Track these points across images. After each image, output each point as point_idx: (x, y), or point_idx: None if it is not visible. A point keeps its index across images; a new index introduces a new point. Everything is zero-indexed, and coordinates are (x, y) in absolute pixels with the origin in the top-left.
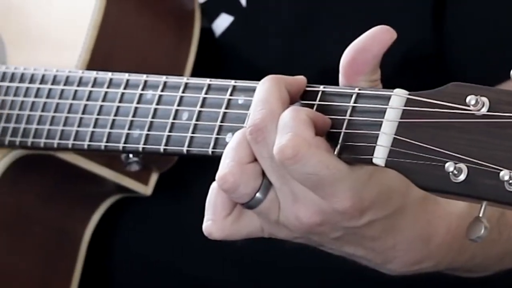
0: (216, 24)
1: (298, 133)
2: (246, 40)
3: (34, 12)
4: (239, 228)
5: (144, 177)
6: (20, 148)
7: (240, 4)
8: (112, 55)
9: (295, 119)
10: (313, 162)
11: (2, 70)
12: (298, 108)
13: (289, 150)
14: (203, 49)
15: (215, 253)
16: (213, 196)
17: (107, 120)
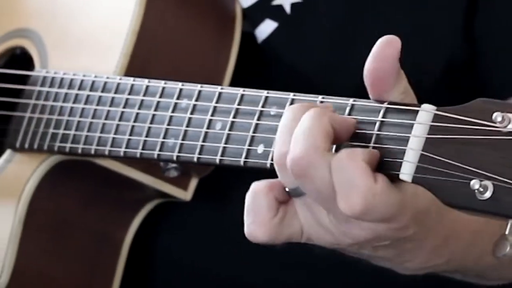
0: (260, 30)
1: (363, 185)
2: (289, 47)
3: (75, 17)
4: (282, 230)
5: (183, 183)
6: (58, 153)
7: (284, 12)
8: (150, 61)
9: (355, 169)
10: (380, 209)
11: (42, 75)
12: (353, 155)
13: (358, 207)
14: (245, 54)
15: (254, 258)
16: (256, 199)
17: (143, 128)
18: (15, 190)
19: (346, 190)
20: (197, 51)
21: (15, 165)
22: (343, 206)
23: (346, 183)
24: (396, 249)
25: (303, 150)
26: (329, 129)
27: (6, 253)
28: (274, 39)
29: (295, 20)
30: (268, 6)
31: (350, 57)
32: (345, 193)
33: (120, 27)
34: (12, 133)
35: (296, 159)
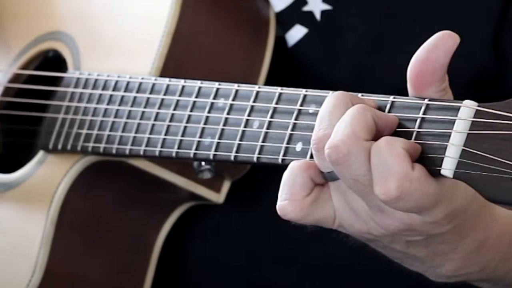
0: (290, 35)
1: (400, 171)
2: (319, 52)
3: (108, 19)
4: (313, 211)
5: (216, 185)
6: (92, 154)
7: (314, 18)
8: (185, 62)
9: (393, 155)
10: (415, 197)
11: (76, 76)
12: (392, 141)
13: (394, 192)
14: (275, 58)
15: (286, 261)
16: (292, 176)
17: (178, 128)
18: (47, 191)
19: (383, 175)
20: (231, 53)
21: (48, 166)
22: (379, 191)
23: (383, 168)
24: (429, 249)
25: (343, 137)
26: (372, 123)
27: (38, 254)
28: (303, 44)
29: (325, 26)
30: (298, 12)
31: (379, 64)
32: (382, 178)
33: (154, 29)
34: (45, 134)
35: (335, 145)
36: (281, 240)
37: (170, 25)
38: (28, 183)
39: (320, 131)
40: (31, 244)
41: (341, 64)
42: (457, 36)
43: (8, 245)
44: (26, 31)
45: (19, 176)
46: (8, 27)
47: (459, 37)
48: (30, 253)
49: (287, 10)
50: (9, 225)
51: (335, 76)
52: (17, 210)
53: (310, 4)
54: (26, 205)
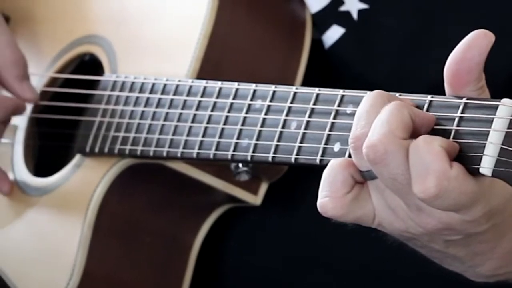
0: (327, 36)
1: (438, 169)
2: (356, 52)
3: (144, 22)
4: (354, 209)
5: (253, 187)
6: (129, 156)
7: (351, 18)
8: (222, 65)
9: (431, 153)
10: (454, 195)
11: (112, 79)
12: (430, 139)
13: (433, 190)
14: (312, 60)
15: (323, 264)
16: (333, 173)
17: (216, 129)
18: (84, 194)
19: (421, 173)
20: (268, 55)
21: (85, 169)
22: (417, 189)
23: (422, 166)
24: (468, 248)
25: (380, 136)
26: (409, 121)
27: (76, 257)
28: (341, 44)
29: (362, 26)
30: (335, 12)
31: (417, 63)
32: (420, 177)
33: (190, 32)
34: (82, 138)
35: (373, 145)
36: (319, 243)
37: (207, 28)
38: (65, 187)
39: (358, 130)
40: (69, 248)
41: (378, 64)
42: (492, 34)
43: (46, 248)
44: (62, 35)
45: (56, 180)
46: (43, 31)
47: (495, 35)
48: (68, 256)
49: (323, 11)
50: (47, 228)
51: (372, 76)
52: (54, 214)
53: (347, 4)
54: (63, 209)
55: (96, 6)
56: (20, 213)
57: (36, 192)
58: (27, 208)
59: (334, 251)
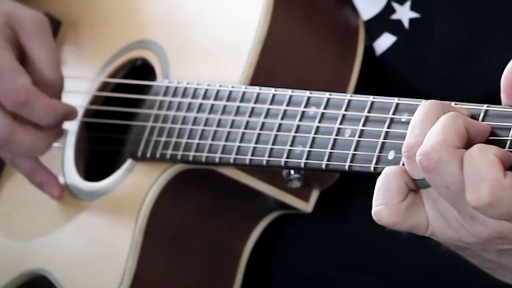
0: (378, 43)
1: (492, 178)
2: (407, 61)
3: (196, 27)
4: (408, 217)
5: (305, 194)
6: (181, 162)
7: (403, 26)
8: (275, 71)
9: (485, 162)
10: (507, 204)
11: (165, 85)
12: (485, 148)
13: (486, 198)
14: (363, 67)
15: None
16: (387, 181)
17: (269, 136)
18: (136, 199)
19: (475, 181)
20: (321, 62)
21: (136, 174)
22: (470, 197)
23: (476, 174)
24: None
25: (435, 144)
26: (463, 131)
27: (127, 261)
28: (392, 53)
29: (414, 34)
30: (387, 20)
31: (469, 72)
32: (474, 185)
33: (244, 37)
34: (133, 142)
35: (426, 152)
36: (369, 251)
37: (260, 34)
38: (116, 192)
39: (411, 139)
40: (119, 252)
41: (429, 72)
42: None
43: (96, 252)
44: (113, 40)
45: (107, 184)
46: (95, 36)
47: None
48: (119, 261)
49: (375, 18)
50: (98, 233)
51: (423, 84)
52: (105, 218)
53: (399, 12)
54: (115, 214)
55: (148, 11)
56: (71, 217)
57: (87, 196)
58: (78, 212)
59: (384, 258)
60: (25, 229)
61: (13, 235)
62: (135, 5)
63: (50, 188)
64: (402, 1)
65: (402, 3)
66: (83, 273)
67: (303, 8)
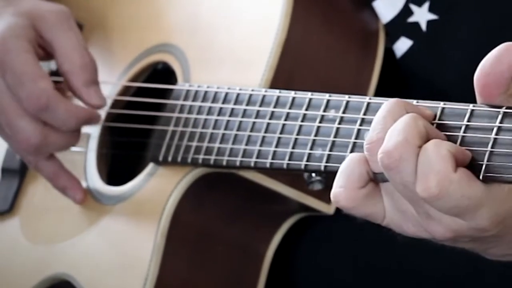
0: (397, 47)
1: (441, 171)
2: (426, 64)
3: (217, 31)
4: (365, 205)
5: (327, 196)
6: (202, 166)
7: (420, 29)
8: (295, 74)
9: (437, 155)
10: (455, 197)
11: (185, 88)
12: (439, 143)
13: (433, 189)
14: (385, 68)
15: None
16: (351, 165)
17: (289, 139)
18: (158, 203)
19: (425, 173)
20: (341, 65)
21: (158, 178)
22: (419, 187)
23: (426, 167)
24: (476, 243)
25: (396, 143)
26: (424, 131)
27: (150, 265)
28: (410, 56)
29: (432, 37)
30: (404, 23)
31: None
32: (423, 176)
33: (264, 41)
34: (154, 146)
35: (388, 151)
36: (392, 252)
37: (280, 37)
38: (138, 196)
39: (373, 134)
40: (142, 256)
41: (449, 75)
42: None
43: (119, 257)
44: (135, 43)
45: (129, 188)
46: (116, 40)
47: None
48: (141, 265)
49: (393, 21)
50: (120, 237)
51: (443, 87)
52: (127, 222)
53: (416, 14)
54: (137, 218)
55: (169, 15)
56: (93, 221)
57: (109, 200)
58: (100, 217)
59: (409, 260)
60: (48, 233)
61: (36, 239)
62: (156, 9)
63: (73, 192)
64: (421, 3)
65: (420, 4)
66: (106, 278)
67: (322, 11)
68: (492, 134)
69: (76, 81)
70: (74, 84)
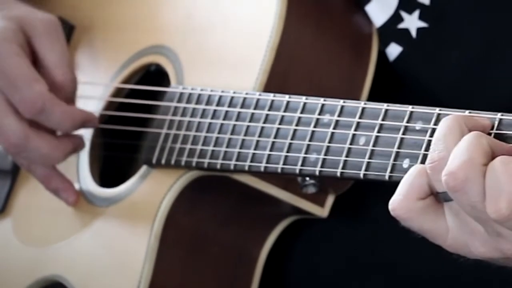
0: (388, 51)
1: (511, 190)
2: (416, 70)
3: (210, 34)
4: (422, 218)
5: (320, 199)
6: (196, 169)
7: (410, 36)
8: (289, 77)
9: (505, 174)
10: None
11: (179, 91)
12: (507, 160)
13: (504, 211)
14: (378, 72)
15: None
16: (413, 176)
17: (284, 144)
18: (151, 205)
19: (495, 194)
20: (334, 68)
21: (151, 180)
22: (489, 209)
23: (495, 187)
24: None
25: (461, 163)
26: (488, 149)
27: (143, 268)
28: (400, 62)
29: (421, 44)
30: (394, 29)
31: (479, 80)
32: (493, 197)
33: (257, 44)
34: (148, 149)
35: (453, 172)
36: (385, 255)
37: (274, 41)
38: (132, 198)
39: (436, 153)
40: (135, 259)
41: (440, 81)
42: None
43: (112, 259)
44: (128, 45)
45: (122, 190)
46: (110, 41)
47: None
48: (135, 268)
49: (383, 26)
50: (113, 239)
51: (435, 91)
52: (120, 224)
53: (406, 21)
54: (130, 220)
55: (163, 16)
56: (86, 223)
57: (102, 202)
58: (93, 219)
59: (401, 262)
60: (41, 235)
61: (28, 241)
62: (149, 11)
63: (65, 194)
64: (411, 10)
65: (410, 12)
66: (99, 280)
67: (315, 15)
68: None
69: None
70: None
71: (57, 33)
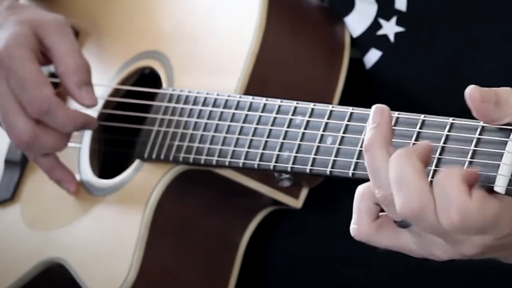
0: (367, 58)
1: (458, 201)
2: (394, 74)
3: (199, 40)
4: (381, 238)
5: (295, 192)
6: (183, 163)
7: (388, 40)
8: (267, 81)
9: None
10: (478, 221)
11: (169, 92)
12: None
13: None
14: (355, 79)
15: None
16: (358, 202)
17: (260, 142)
18: (142, 196)
19: (445, 208)
20: (309, 74)
21: (143, 173)
22: (444, 223)
23: (444, 201)
24: (504, 251)
25: (408, 197)
26: (420, 165)
27: (134, 254)
28: (379, 67)
29: (399, 48)
30: (373, 36)
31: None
32: (444, 211)
33: (239, 50)
34: (141, 144)
35: (406, 207)
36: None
37: (254, 48)
38: (126, 189)
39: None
40: (127, 244)
41: (417, 83)
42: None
43: (108, 244)
44: (125, 49)
45: (118, 181)
46: (108, 46)
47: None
48: (127, 253)
49: (363, 35)
50: (109, 226)
51: (412, 96)
52: (115, 212)
53: (385, 28)
54: (124, 209)
55: (158, 24)
56: (86, 211)
57: (100, 192)
58: (92, 207)
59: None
60: (46, 220)
61: (34, 225)
62: (145, 18)
63: (67, 184)
64: (388, 17)
65: (388, 19)
66: (96, 263)
67: (294, 24)
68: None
69: (69, 82)
70: (68, 85)
71: (66, 29)
